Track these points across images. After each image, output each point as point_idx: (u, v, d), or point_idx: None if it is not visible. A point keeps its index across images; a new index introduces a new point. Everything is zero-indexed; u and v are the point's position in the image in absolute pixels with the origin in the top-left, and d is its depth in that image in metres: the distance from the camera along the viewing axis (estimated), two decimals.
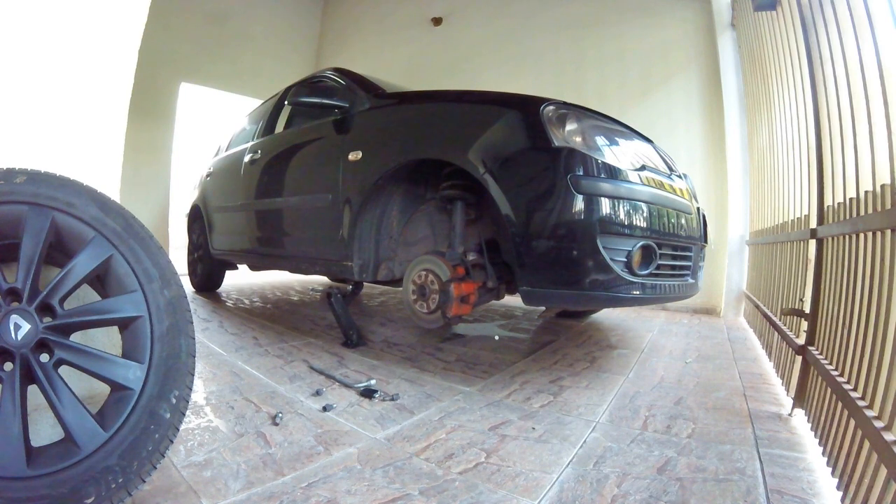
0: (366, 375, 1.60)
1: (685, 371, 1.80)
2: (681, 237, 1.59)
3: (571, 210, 1.35)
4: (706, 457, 1.06)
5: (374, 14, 5.46)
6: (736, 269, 3.21)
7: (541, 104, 1.47)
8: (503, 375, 1.67)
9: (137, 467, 0.73)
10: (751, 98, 3.02)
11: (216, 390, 1.41)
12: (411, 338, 2.20)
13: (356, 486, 0.89)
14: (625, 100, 3.67)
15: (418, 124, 1.78)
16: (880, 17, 1.02)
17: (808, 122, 1.66)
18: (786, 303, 1.84)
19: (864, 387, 0.94)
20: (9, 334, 0.71)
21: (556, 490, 0.91)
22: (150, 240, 0.86)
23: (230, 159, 2.98)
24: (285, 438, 1.09)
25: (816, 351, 1.33)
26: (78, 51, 1.14)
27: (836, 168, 1.33)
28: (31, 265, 0.75)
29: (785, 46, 2.00)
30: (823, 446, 1.10)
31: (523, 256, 1.42)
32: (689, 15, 3.52)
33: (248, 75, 5.17)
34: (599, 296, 1.39)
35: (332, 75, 2.30)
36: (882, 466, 0.76)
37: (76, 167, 1.03)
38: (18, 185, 0.77)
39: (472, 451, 1.07)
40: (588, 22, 3.95)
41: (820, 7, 1.40)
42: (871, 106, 1.05)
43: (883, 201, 0.94)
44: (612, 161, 1.45)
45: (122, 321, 0.80)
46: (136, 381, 0.76)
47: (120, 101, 1.23)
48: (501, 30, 4.45)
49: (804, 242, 1.65)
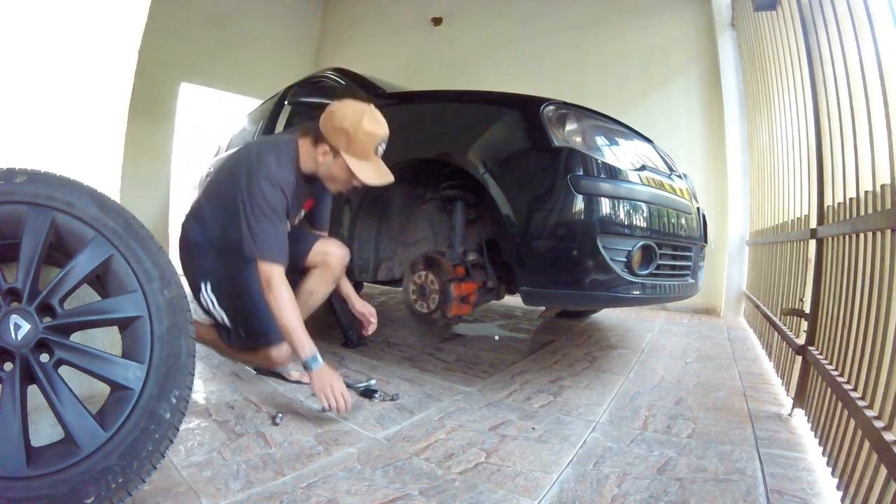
0: (366, 375, 1.60)
1: (685, 371, 1.80)
2: (681, 237, 1.59)
3: (571, 210, 1.35)
4: (706, 457, 1.07)
5: (374, 14, 5.45)
6: (736, 269, 3.21)
7: (541, 104, 1.47)
8: (503, 375, 1.67)
9: (137, 467, 0.73)
10: (751, 98, 3.02)
11: (216, 390, 1.41)
12: (411, 338, 2.20)
13: (356, 486, 0.89)
14: (625, 100, 3.67)
15: (418, 124, 1.78)
16: (880, 17, 1.02)
17: (808, 122, 1.66)
18: (786, 303, 1.84)
19: (864, 387, 0.94)
20: (9, 334, 0.71)
21: (556, 490, 0.91)
22: (150, 240, 0.86)
23: None
24: (285, 438, 1.09)
25: (816, 351, 1.33)
26: (78, 51, 1.14)
27: (836, 168, 1.33)
28: (31, 265, 0.75)
29: (785, 46, 2.01)
30: (823, 446, 1.10)
31: (523, 256, 1.42)
32: (688, 15, 3.52)
33: (248, 75, 5.16)
34: (599, 296, 1.39)
35: (332, 75, 2.30)
36: (882, 466, 0.76)
37: (76, 167, 1.02)
38: (18, 185, 0.77)
39: (472, 451, 1.07)
40: (588, 22, 3.95)
41: (820, 7, 1.40)
42: (871, 106, 1.05)
43: (883, 201, 0.94)
44: (612, 161, 1.45)
45: (122, 321, 0.80)
46: (136, 381, 0.76)
47: (120, 101, 1.23)
48: (502, 30, 4.44)
49: (804, 242, 1.65)
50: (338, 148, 1.31)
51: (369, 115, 1.31)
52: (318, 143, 1.34)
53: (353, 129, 1.28)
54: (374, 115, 1.32)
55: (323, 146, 1.33)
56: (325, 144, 1.33)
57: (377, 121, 1.33)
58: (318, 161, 1.35)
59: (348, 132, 1.29)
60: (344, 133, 1.29)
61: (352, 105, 1.34)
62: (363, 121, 1.29)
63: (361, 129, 1.29)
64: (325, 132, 1.32)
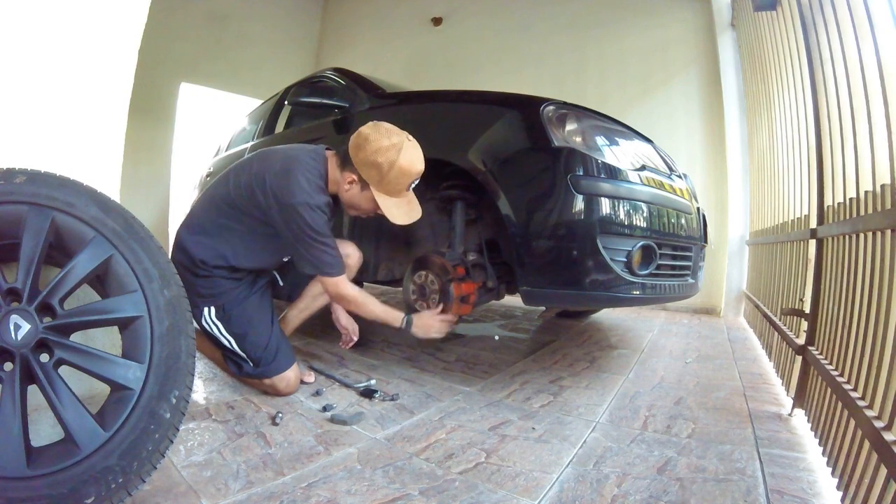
0: (366, 375, 1.60)
1: (685, 371, 1.80)
2: (681, 237, 1.59)
3: (571, 210, 1.35)
4: (706, 457, 1.06)
5: (374, 14, 5.45)
6: (736, 269, 3.21)
7: (541, 104, 1.47)
8: (503, 375, 1.67)
9: (137, 467, 0.73)
10: (751, 98, 3.02)
11: (216, 390, 1.41)
12: (411, 337, 2.20)
13: (356, 486, 0.89)
14: (625, 100, 3.67)
15: (418, 124, 1.77)
16: (880, 17, 1.02)
17: (808, 122, 1.66)
18: (786, 303, 1.84)
19: (864, 387, 0.94)
20: (9, 334, 0.71)
21: (556, 490, 0.91)
22: (150, 240, 0.86)
23: (230, 159, 2.97)
24: (285, 438, 1.09)
25: (816, 351, 1.33)
26: (78, 51, 1.14)
27: (836, 168, 1.33)
28: (31, 265, 0.75)
29: (785, 46, 2.01)
30: (823, 446, 1.10)
31: (523, 256, 1.41)
32: (688, 15, 3.52)
33: (248, 75, 5.16)
34: (599, 296, 1.39)
35: (332, 75, 2.30)
36: (882, 466, 0.76)
37: (76, 167, 1.02)
38: (18, 185, 0.77)
39: (472, 451, 1.07)
40: (588, 22, 3.95)
41: (820, 7, 1.40)
42: (871, 106, 1.05)
43: (883, 201, 0.94)
44: (613, 161, 1.44)
45: (122, 321, 0.80)
46: (136, 381, 0.76)
47: (120, 101, 1.23)
48: (502, 30, 4.44)
49: (804, 242, 1.65)
50: (367, 182, 1.21)
51: (406, 150, 1.19)
52: (346, 169, 1.24)
53: (388, 167, 1.17)
54: (410, 150, 1.21)
55: (350, 175, 1.23)
56: (353, 174, 1.23)
57: (414, 157, 1.22)
58: (343, 188, 1.26)
59: (381, 168, 1.18)
60: (376, 168, 1.18)
61: (387, 135, 1.20)
62: (399, 158, 1.18)
63: (397, 167, 1.18)
64: (356, 162, 1.21)
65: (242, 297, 1.38)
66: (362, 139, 1.21)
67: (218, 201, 1.33)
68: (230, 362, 1.39)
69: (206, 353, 1.53)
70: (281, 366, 1.35)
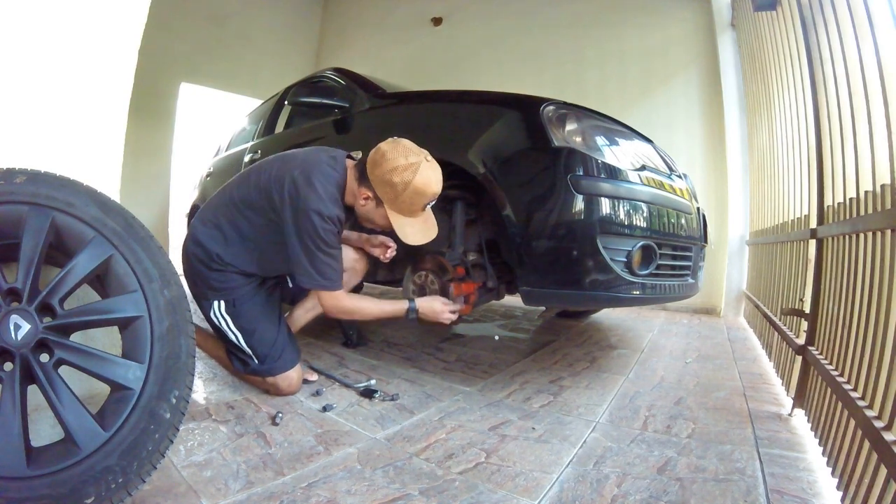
0: (366, 375, 1.60)
1: (685, 371, 1.80)
2: (681, 237, 1.59)
3: (571, 210, 1.35)
4: (706, 457, 1.07)
5: (374, 14, 5.45)
6: (736, 269, 3.21)
7: (541, 104, 1.47)
8: (503, 375, 1.67)
9: (137, 467, 0.73)
10: (751, 98, 3.02)
11: (216, 390, 1.41)
12: (411, 338, 2.20)
13: (356, 486, 0.89)
14: (625, 100, 3.67)
15: (418, 124, 1.78)
16: (880, 17, 1.02)
17: (808, 122, 1.66)
18: (786, 303, 1.84)
19: (864, 387, 0.94)
20: (9, 334, 0.71)
21: (556, 490, 0.91)
22: (150, 240, 0.86)
23: (230, 159, 2.98)
24: (285, 438, 1.09)
25: (816, 351, 1.33)
26: (78, 51, 1.14)
27: (836, 168, 1.33)
28: (31, 265, 0.75)
29: (785, 46, 2.01)
30: (823, 446, 1.10)
31: (523, 256, 1.41)
32: (688, 15, 3.52)
33: (248, 75, 5.16)
34: (599, 296, 1.39)
35: (332, 75, 2.30)
36: (882, 466, 0.76)
37: (76, 167, 1.03)
38: (18, 185, 0.77)
39: (472, 451, 1.07)
40: (588, 22, 3.95)
41: (820, 7, 1.40)
42: (871, 106, 1.05)
43: (883, 201, 0.94)
44: (612, 161, 1.44)
45: (122, 321, 0.80)
46: (136, 381, 0.76)
47: (120, 101, 1.23)
48: (502, 30, 4.44)
49: (804, 242, 1.65)
50: (382, 200, 1.20)
51: (423, 170, 1.17)
52: (362, 184, 1.23)
53: (403, 187, 1.16)
54: (427, 171, 1.18)
55: (366, 191, 1.22)
56: (368, 190, 1.21)
57: (431, 178, 1.19)
58: (359, 202, 1.25)
59: (396, 188, 1.16)
60: (391, 187, 1.17)
61: (405, 154, 1.17)
62: (415, 179, 1.15)
63: (412, 187, 1.16)
64: (372, 179, 1.19)
65: (253, 293, 1.39)
66: (380, 156, 1.19)
67: (237, 201, 1.32)
68: (235, 359, 1.39)
69: (209, 352, 1.53)
70: (286, 364, 1.35)
